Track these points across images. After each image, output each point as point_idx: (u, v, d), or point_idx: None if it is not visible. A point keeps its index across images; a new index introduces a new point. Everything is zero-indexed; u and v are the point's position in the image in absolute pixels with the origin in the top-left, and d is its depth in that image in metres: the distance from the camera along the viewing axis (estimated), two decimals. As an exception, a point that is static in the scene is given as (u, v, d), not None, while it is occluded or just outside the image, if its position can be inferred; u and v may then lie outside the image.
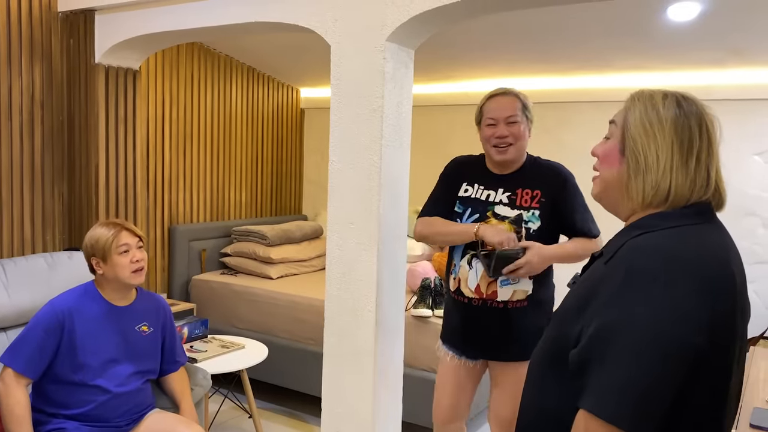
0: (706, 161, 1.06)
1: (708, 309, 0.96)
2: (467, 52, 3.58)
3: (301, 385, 3.45)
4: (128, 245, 2.12)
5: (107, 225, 2.15)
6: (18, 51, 3.00)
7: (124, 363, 2.13)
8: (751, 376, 2.01)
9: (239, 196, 4.47)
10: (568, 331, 1.05)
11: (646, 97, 1.14)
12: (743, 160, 3.43)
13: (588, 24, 2.97)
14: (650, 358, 0.93)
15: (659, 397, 0.93)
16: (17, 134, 3.03)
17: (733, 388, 1.04)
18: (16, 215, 3.05)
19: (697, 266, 0.98)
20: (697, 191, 1.06)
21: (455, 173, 2.22)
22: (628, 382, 0.94)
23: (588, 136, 3.85)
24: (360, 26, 2.25)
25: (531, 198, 2.11)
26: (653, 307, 0.95)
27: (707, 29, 2.86)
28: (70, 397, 2.05)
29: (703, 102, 1.13)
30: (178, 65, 3.92)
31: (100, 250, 2.11)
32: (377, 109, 2.23)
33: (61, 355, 2.04)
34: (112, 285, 2.15)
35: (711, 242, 1.03)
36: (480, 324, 2.14)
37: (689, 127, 1.07)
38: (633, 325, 0.95)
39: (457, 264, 2.17)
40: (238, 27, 2.65)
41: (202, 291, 3.92)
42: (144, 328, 2.22)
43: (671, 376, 0.94)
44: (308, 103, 4.95)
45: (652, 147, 1.07)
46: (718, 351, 0.97)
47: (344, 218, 2.32)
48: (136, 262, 2.12)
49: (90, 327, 2.08)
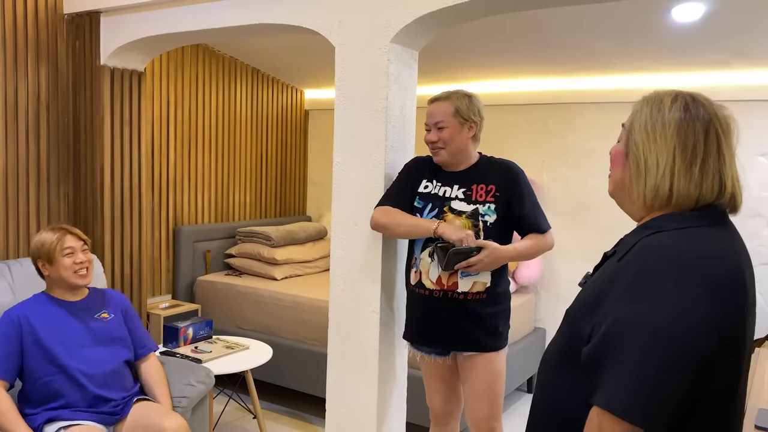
0: (715, 165, 1.05)
1: (717, 310, 0.97)
2: (471, 53, 3.58)
3: (306, 385, 3.46)
4: (72, 248, 2.24)
5: (52, 230, 2.28)
6: (24, 53, 3.02)
7: (95, 348, 2.22)
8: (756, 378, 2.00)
9: (244, 197, 4.48)
10: (581, 329, 1.06)
11: (655, 100, 1.13)
12: (748, 161, 3.42)
13: (592, 25, 2.97)
14: (660, 357, 0.95)
15: (671, 394, 0.95)
16: (23, 135, 3.05)
17: (743, 386, 1.06)
18: (22, 216, 3.06)
19: (706, 267, 0.99)
20: (707, 195, 1.05)
21: (416, 170, 2.25)
22: (640, 379, 0.95)
23: (592, 138, 3.84)
24: (364, 28, 2.25)
25: (486, 192, 2.17)
26: (663, 306, 0.96)
27: (712, 30, 2.85)
28: (53, 390, 2.12)
29: (718, 104, 1.11)
30: (183, 67, 3.93)
31: (45, 253, 2.23)
32: (381, 111, 2.23)
33: (29, 354, 2.14)
34: (60, 286, 2.27)
35: (722, 245, 1.03)
36: (441, 316, 2.15)
37: (694, 131, 1.06)
38: (643, 324, 0.96)
39: (418, 257, 2.18)
40: (243, 29, 2.66)
41: (207, 292, 3.92)
42: (104, 315, 2.32)
43: (682, 374, 0.95)
44: (312, 105, 4.96)
45: (653, 151, 1.07)
46: (728, 351, 0.99)
47: (348, 219, 2.33)
48: (80, 263, 2.24)
49: (49, 322, 2.19)
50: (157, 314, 3.49)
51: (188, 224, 4.04)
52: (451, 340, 2.17)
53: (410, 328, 2.25)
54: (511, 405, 3.72)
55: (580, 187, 3.90)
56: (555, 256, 3.99)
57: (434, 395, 2.29)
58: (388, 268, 2.32)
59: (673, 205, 1.07)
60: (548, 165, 3.99)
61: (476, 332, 2.14)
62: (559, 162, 3.96)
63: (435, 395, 2.29)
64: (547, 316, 4.01)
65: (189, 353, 2.88)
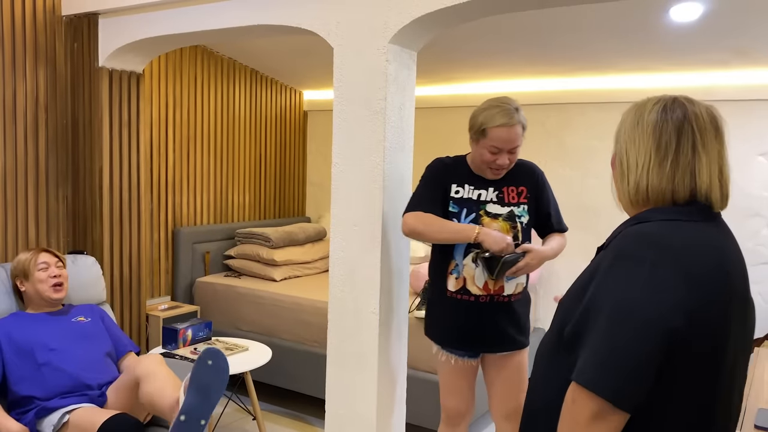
0: (687, 162, 1.11)
1: (688, 296, 1.02)
2: (469, 53, 3.58)
3: (305, 387, 3.46)
4: (46, 263, 2.38)
5: (29, 250, 2.46)
6: (22, 55, 3.02)
7: (74, 342, 2.30)
8: (755, 377, 2.00)
9: (243, 198, 4.47)
10: (571, 317, 1.11)
11: (640, 105, 1.19)
12: (748, 160, 3.43)
13: (590, 25, 2.97)
14: (629, 334, 1.00)
15: (638, 371, 0.99)
16: (21, 137, 3.05)
17: (729, 387, 1.08)
18: (21, 218, 3.06)
19: (686, 256, 1.04)
20: (680, 190, 1.11)
21: (442, 174, 2.23)
22: (608, 355, 1.00)
23: (590, 138, 3.84)
24: (363, 29, 2.25)
25: (518, 194, 2.21)
26: (636, 286, 1.02)
27: (710, 30, 2.85)
28: (37, 384, 2.17)
29: (705, 104, 1.17)
30: (182, 68, 3.93)
31: (21, 269, 2.37)
32: (380, 111, 2.23)
33: (11, 359, 2.21)
34: (36, 302, 2.39)
35: (704, 238, 1.08)
36: (486, 320, 2.19)
37: (667, 130, 1.12)
38: (615, 302, 1.02)
39: (460, 264, 2.17)
40: (242, 30, 2.66)
41: (206, 293, 3.92)
42: (81, 319, 2.41)
43: (649, 351, 0.99)
44: (311, 106, 4.96)
45: (633, 151, 1.15)
46: (699, 340, 1.02)
47: (347, 220, 2.33)
48: (55, 278, 2.36)
49: (28, 328, 2.28)
50: (156, 316, 3.48)
51: (187, 225, 4.04)
52: (495, 342, 2.21)
53: (447, 333, 2.24)
54: (511, 405, 3.72)
55: (579, 187, 3.90)
56: (554, 256, 3.99)
57: (456, 396, 2.28)
58: (387, 269, 2.32)
59: (651, 201, 1.14)
60: (547, 165, 3.99)
61: (514, 331, 2.22)
62: (557, 162, 3.96)
63: (456, 396, 2.28)
64: (545, 317, 4.01)
65: (188, 355, 2.88)
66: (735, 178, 3.47)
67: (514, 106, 2.09)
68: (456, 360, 2.24)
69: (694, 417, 1.05)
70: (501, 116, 2.05)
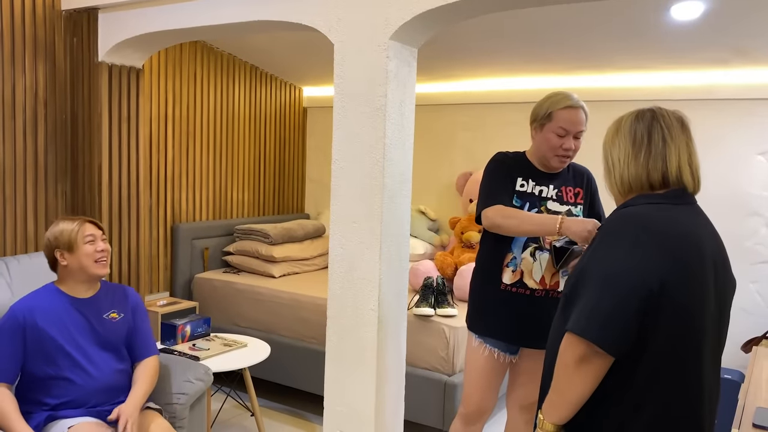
0: (658, 151, 1.36)
1: (665, 263, 1.25)
2: (470, 50, 3.58)
3: (304, 383, 3.46)
4: (93, 236, 2.16)
5: (70, 219, 2.19)
6: (21, 49, 3.01)
7: (96, 350, 2.15)
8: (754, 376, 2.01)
9: (242, 194, 4.47)
10: (572, 295, 1.34)
11: (618, 120, 1.46)
12: (747, 159, 3.43)
13: (590, 23, 2.96)
14: (614, 292, 1.23)
15: (621, 321, 1.23)
16: (21, 132, 3.04)
17: (714, 334, 1.33)
18: (20, 213, 3.06)
19: (661, 230, 1.28)
20: (653, 174, 1.36)
21: (508, 167, 2.22)
22: (596, 309, 1.24)
23: (590, 136, 3.84)
24: (363, 25, 2.25)
25: (575, 195, 2.27)
26: (621, 253, 1.26)
27: (711, 28, 2.85)
28: (51, 390, 2.08)
29: (668, 109, 1.42)
30: (181, 64, 3.92)
31: (65, 241, 2.13)
32: (380, 108, 2.23)
33: (31, 354, 2.08)
34: (76, 277, 2.17)
35: (682, 218, 1.32)
36: (538, 314, 2.19)
37: (640, 130, 1.39)
38: (602, 269, 1.27)
39: (518, 256, 2.18)
40: (242, 26, 2.65)
41: (205, 289, 3.92)
42: (113, 315, 2.23)
43: (629, 305, 1.23)
44: (311, 102, 4.96)
45: (615, 152, 1.43)
46: (676, 297, 1.25)
47: (347, 217, 2.33)
48: (101, 252, 2.16)
49: (54, 320, 2.11)
50: (154, 311, 3.48)
51: (186, 221, 4.04)
52: (541, 336, 2.22)
53: (496, 326, 2.23)
54: (509, 403, 3.73)
55: (579, 185, 3.90)
56: (553, 254, 3.99)
57: (485, 392, 2.28)
58: (386, 266, 2.32)
59: (634, 189, 1.39)
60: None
61: None
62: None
63: (486, 393, 2.28)
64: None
65: (187, 351, 2.88)
66: (734, 177, 3.47)
67: (576, 96, 2.19)
68: (499, 355, 2.25)
69: (671, 353, 1.27)
70: (566, 99, 2.12)
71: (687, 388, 1.29)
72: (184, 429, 2.35)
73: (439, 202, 4.45)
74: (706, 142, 3.52)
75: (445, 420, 2.99)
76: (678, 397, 1.28)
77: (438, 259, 3.72)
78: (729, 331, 3.50)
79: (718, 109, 3.48)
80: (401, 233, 2.38)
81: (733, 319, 3.49)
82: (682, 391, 1.29)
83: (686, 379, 1.29)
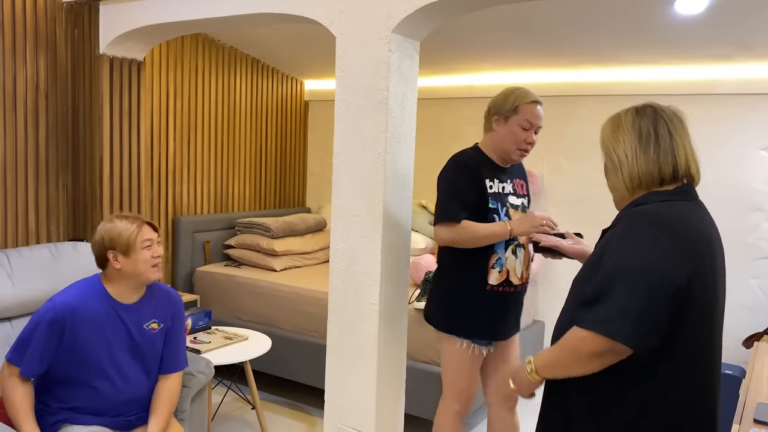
0: (667, 144, 1.37)
1: (686, 261, 1.27)
2: (472, 44, 3.57)
3: (305, 377, 3.46)
4: (151, 240, 2.04)
5: (127, 219, 2.03)
6: (23, 41, 3.00)
7: (129, 361, 2.06)
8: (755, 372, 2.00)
9: (243, 188, 4.47)
10: (583, 290, 1.34)
11: (614, 117, 1.46)
12: (750, 154, 3.41)
13: (594, 17, 2.95)
14: (640, 290, 1.24)
15: (651, 321, 1.23)
16: (22, 125, 3.03)
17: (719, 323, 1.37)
18: (21, 206, 3.05)
19: (678, 228, 1.29)
20: (665, 169, 1.37)
21: (473, 170, 2.19)
22: (625, 307, 1.24)
23: (592, 130, 3.83)
24: (365, 18, 2.24)
25: (521, 186, 2.36)
26: (645, 253, 1.26)
27: (715, 23, 2.84)
28: (74, 393, 2.02)
29: (664, 105, 1.43)
30: (183, 56, 3.91)
31: (123, 243, 1.99)
32: (382, 102, 2.22)
33: (63, 353, 1.98)
34: (127, 281, 2.04)
35: (691, 214, 1.34)
36: (513, 307, 2.29)
37: (645, 124, 1.39)
38: (627, 265, 1.26)
39: (502, 257, 2.19)
40: (244, 18, 2.64)
41: (206, 282, 3.92)
42: (153, 326, 2.11)
43: (659, 304, 1.24)
44: (313, 96, 4.94)
45: (620, 148, 1.41)
46: (698, 292, 1.28)
47: (348, 211, 2.32)
48: (157, 257, 2.04)
49: (93, 325, 2.00)
50: (156, 305, 3.48)
51: (187, 215, 4.04)
52: (513, 326, 2.32)
53: (480, 326, 2.24)
54: (509, 397, 3.73)
55: (580, 179, 3.89)
56: (555, 249, 3.99)
57: (468, 378, 2.31)
58: (387, 260, 2.31)
59: (644, 185, 1.39)
60: (548, 158, 3.98)
61: (520, 315, 2.38)
62: (559, 155, 3.95)
63: (469, 378, 2.32)
64: (545, 309, 4.01)
65: (188, 344, 2.88)
66: (737, 172, 3.46)
67: None
68: (480, 350, 2.29)
69: (694, 342, 1.30)
70: (531, 94, 2.20)
71: (704, 379, 1.33)
72: (185, 422, 2.35)
73: (441, 196, 4.44)
74: (708, 137, 3.51)
75: (446, 414, 2.99)
76: (697, 389, 1.32)
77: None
78: (730, 326, 3.50)
79: (721, 104, 3.47)
80: (402, 227, 2.38)
81: (735, 314, 3.48)
82: (701, 382, 1.33)
83: (703, 370, 1.33)
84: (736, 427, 1.54)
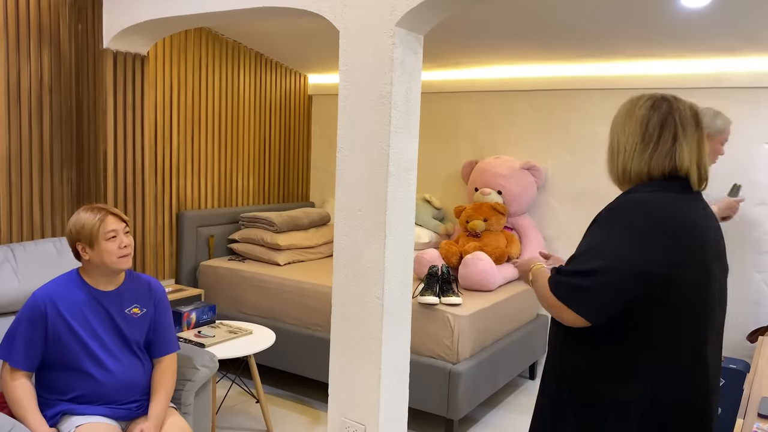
0: (666, 149, 1.37)
1: (664, 246, 1.29)
2: (476, 38, 3.55)
3: (309, 371, 3.47)
4: (115, 231, 2.07)
5: (92, 210, 2.08)
6: (26, 36, 3.00)
7: (117, 343, 2.10)
8: (759, 366, 2.00)
9: (247, 182, 4.47)
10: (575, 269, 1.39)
11: (633, 100, 1.44)
12: (755, 148, 3.40)
13: (598, 10, 2.93)
14: (605, 267, 1.30)
15: (605, 299, 1.30)
16: (26, 119, 3.04)
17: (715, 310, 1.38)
18: (25, 200, 3.06)
19: (661, 214, 1.31)
20: (654, 171, 1.38)
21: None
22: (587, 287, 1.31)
23: (596, 124, 3.82)
24: (369, 11, 2.23)
25: None
26: (616, 237, 1.31)
27: (720, 16, 2.82)
28: (70, 383, 2.04)
29: (685, 102, 1.40)
30: (186, 51, 3.91)
31: (86, 235, 2.05)
32: (386, 96, 2.22)
33: (51, 341, 2.03)
34: (99, 270, 2.10)
35: (679, 202, 1.34)
36: None
37: (653, 123, 1.38)
38: (599, 243, 1.33)
39: None
40: (247, 12, 2.64)
41: (210, 277, 3.93)
42: (135, 310, 2.17)
43: (619, 284, 1.29)
44: (316, 90, 4.94)
45: (623, 137, 1.41)
46: (683, 274, 1.30)
47: (352, 205, 2.32)
48: (124, 248, 2.07)
49: (75, 312, 2.06)
50: (160, 299, 3.50)
51: (191, 209, 4.04)
52: None
53: None
54: (514, 391, 3.74)
55: (584, 173, 3.88)
56: (558, 242, 3.98)
57: None
58: (391, 254, 2.31)
59: (633, 181, 1.41)
60: (552, 151, 3.97)
61: None
62: (563, 148, 3.94)
63: None
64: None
65: (192, 338, 2.89)
66: (742, 166, 3.44)
67: None
68: None
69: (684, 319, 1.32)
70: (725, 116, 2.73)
71: (694, 362, 1.35)
72: (189, 415, 2.36)
73: (445, 190, 4.44)
74: (713, 130, 3.49)
75: (449, 407, 3.00)
76: (687, 369, 1.34)
77: (443, 248, 3.71)
78: (734, 320, 3.49)
79: (726, 98, 3.45)
80: (406, 222, 2.38)
81: (739, 308, 3.48)
82: (691, 364, 1.34)
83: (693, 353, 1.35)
84: (740, 421, 1.54)
